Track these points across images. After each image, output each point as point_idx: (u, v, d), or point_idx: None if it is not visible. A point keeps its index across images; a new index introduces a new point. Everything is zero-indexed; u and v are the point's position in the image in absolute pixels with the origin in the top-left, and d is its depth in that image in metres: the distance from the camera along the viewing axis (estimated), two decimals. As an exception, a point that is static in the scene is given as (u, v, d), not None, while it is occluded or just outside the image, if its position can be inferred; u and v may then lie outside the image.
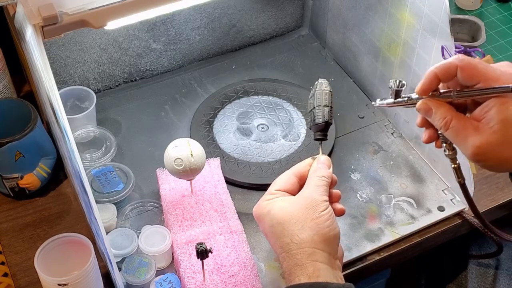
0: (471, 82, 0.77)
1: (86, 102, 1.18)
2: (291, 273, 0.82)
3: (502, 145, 0.74)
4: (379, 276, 1.24)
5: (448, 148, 0.85)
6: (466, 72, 0.76)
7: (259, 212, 0.88)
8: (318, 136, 0.93)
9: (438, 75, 0.78)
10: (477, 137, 0.75)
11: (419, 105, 0.81)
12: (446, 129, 0.78)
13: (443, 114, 0.79)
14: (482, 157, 0.76)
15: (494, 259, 1.19)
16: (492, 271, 1.18)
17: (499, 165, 0.77)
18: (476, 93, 0.76)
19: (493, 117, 0.74)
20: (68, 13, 0.75)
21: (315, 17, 1.40)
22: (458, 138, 0.78)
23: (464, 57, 0.77)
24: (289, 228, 0.84)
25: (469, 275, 1.18)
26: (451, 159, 0.86)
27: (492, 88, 0.75)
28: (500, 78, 0.75)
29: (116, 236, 1.02)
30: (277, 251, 0.86)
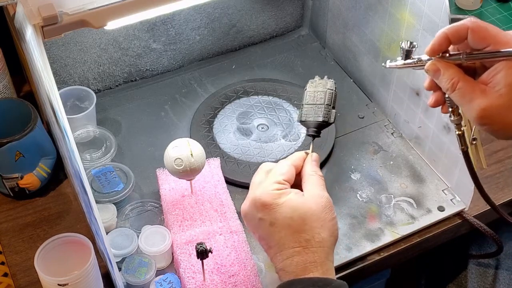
0: (481, 45, 0.76)
1: (86, 102, 1.18)
2: (305, 268, 0.81)
3: (508, 109, 0.74)
4: (379, 276, 1.24)
5: (454, 114, 0.84)
6: (476, 34, 0.76)
7: (269, 199, 0.84)
8: (312, 132, 0.93)
9: (449, 36, 0.78)
10: (483, 100, 0.75)
11: (428, 66, 0.81)
12: (452, 91, 0.78)
13: (451, 75, 0.78)
14: (487, 120, 0.75)
15: (494, 259, 1.19)
16: (492, 271, 1.18)
17: (504, 129, 0.76)
18: (485, 56, 0.76)
19: (500, 81, 0.74)
20: (68, 13, 0.75)
21: (315, 17, 1.40)
22: (464, 100, 0.77)
23: (476, 20, 0.77)
24: (311, 224, 0.84)
25: (469, 275, 1.18)
26: (456, 125, 0.86)
27: (501, 51, 0.75)
28: (510, 42, 0.75)
29: (116, 236, 1.02)
30: (288, 244, 0.83)
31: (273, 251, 0.85)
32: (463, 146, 0.88)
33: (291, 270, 0.83)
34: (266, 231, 0.85)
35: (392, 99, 1.20)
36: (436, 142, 1.12)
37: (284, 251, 0.83)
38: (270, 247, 0.85)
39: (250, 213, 0.86)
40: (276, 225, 0.84)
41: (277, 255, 0.84)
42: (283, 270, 0.84)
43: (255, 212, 0.86)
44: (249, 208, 0.87)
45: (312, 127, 0.93)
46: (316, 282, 0.80)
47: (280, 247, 0.84)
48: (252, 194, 0.87)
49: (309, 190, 0.86)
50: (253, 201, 0.86)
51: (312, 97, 0.94)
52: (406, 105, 1.17)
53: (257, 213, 0.85)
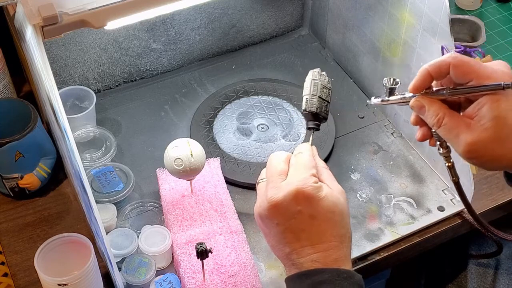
0: (464, 80, 0.77)
1: (86, 102, 1.18)
2: (336, 261, 0.81)
3: (494, 143, 0.75)
4: (379, 276, 1.24)
5: (442, 147, 0.85)
6: (458, 69, 0.77)
7: (313, 192, 0.81)
8: (312, 125, 0.92)
9: (431, 73, 0.79)
10: (469, 134, 0.75)
11: (412, 103, 0.81)
12: (438, 126, 0.79)
13: (435, 111, 0.79)
14: (474, 154, 0.76)
15: (493, 259, 1.19)
16: (491, 271, 1.18)
17: (492, 162, 0.77)
18: (469, 91, 0.77)
19: (485, 115, 0.75)
20: (68, 13, 0.76)
21: (315, 17, 1.40)
22: (450, 135, 0.78)
23: (456, 55, 0.77)
24: (347, 220, 0.84)
25: (468, 275, 1.18)
26: (445, 157, 0.87)
27: (484, 85, 0.75)
28: (492, 75, 0.76)
29: (116, 236, 1.02)
30: (326, 238, 0.82)
31: (302, 243, 0.82)
32: (454, 177, 0.89)
33: (322, 261, 0.81)
34: (303, 223, 0.82)
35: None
36: (436, 142, 1.12)
37: (320, 244, 0.82)
38: (299, 239, 0.82)
39: (286, 204, 0.82)
40: (316, 218, 0.82)
41: (307, 248, 0.82)
42: (315, 261, 0.81)
43: (294, 203, 0.81)
44: (286, 199, 0.82)
45: (316, 121, 0.91)
46: (342, 273, 0.80)
47: (314, 240, 0.82)
48: (290, 185, 0.82)
49: (334, 185, 0.85)
50: (295, 193, 0.81)
51: (320, 90, 0.92)
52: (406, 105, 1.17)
53: (296, 205, 0.81)
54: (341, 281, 0.79)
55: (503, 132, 0.74)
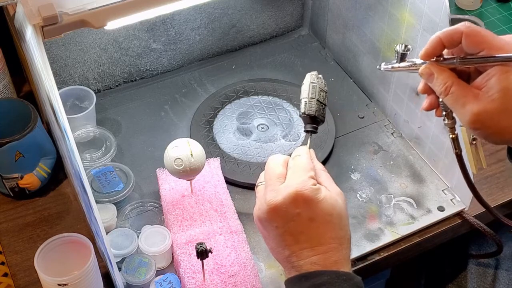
0: (475, 50, 0.77)
1: (86, 102, 1.18)
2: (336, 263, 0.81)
3: (501, 114, 0.74)
4: (379, 276, 1.24)
5: (448, 117, 0.84)
6: (470, 39, 0.76)
7: (311, 194, 0.81)
8: (309, 128, 0.92)
9: (443, 41, 0.78)
10: (476, 104, 0.75)
11: (421, 70, 0.81)
12: (446, 95, 0.78)
13: (444, 79, 0.78)
14: (479, 124, 0.75)
15: (493, 258, 1.19)
16: (491, 270, 1.18)
17: (496, 134, 0.76)
18: (479, 61, 0.76)
19: (493, 86, 0.74)
20: (68, 13, 0.75)
21: (315, 17, 1.40)
22: (457, 105, 0.77)
23: (470, 24, 0.77)
24: (345, 222, 0.84)
25: (468, 275, 1.18)
26: (449, 128, 0.86)
27: (495, 56, 0.75)
28: (504, 47, 0.75)
29: (116, 236, 1.02)
30: (325, 240, 0.82)
31: (301, 246, 0.82)
32: (456, 149, 0.88)
33: (322, 263, 0.81)
34: (302, 226, 0.82)
35: (392, 99, 1.20)
36: (436, 142, 1.12)
37: (319, 247, 0.82)
38: (299, 242, 0.82)
39: (285, 207, 0.82)
40: (315, 221, 0.82)
41: (306, 250, 0.82)
42: (315, 263, 0.81)
43: (293, 206, 0.82)
44: (285, 201, 0.82)
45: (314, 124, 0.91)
46: (342, 275, 0.80)
47: (314, 242, 0.82)
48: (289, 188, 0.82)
49: (332, 187, 0.85)
50: (294, 195, 0.81)
51: (318, 93, 0.92)
52: (406, 105, 1.17)
53: (295, 207, 0.81)
54: (340, 283, 0.79)
55: (510, 104, 0.74)
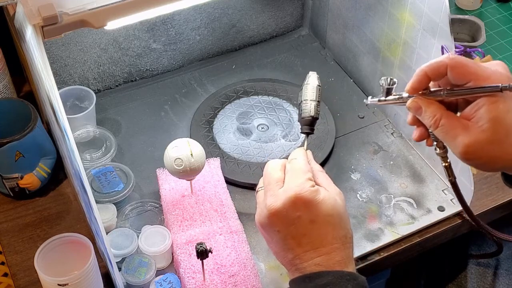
0: (462, 81, 0.77)
1: (86, 102, 1.18)
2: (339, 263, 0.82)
3: (492, 144, 0.74)
4: (379, 276, 1.24)
5: (439, 147, 0.85)
6: (456, 71, 0.76)
7: (310, 196, 0.82)
8: (305, 129, 0.92)
9: (428, 74, 0.78)
10: (466, 136, 0.75)
11: (409, 103, 0.81)
12: (435, 128, 0.78)
13: (432, 112, 0.79)
14: (471, 155, 0.76)
15: (493, 259, 1.19)
16: (491, 271, 1.18)
17: (489, 164, 0.77)
18: (466, 92, 0.76)
19: (482, 116, 0.74)
20: (68, 13, 0.75)
21: (315, 17, 1.40)
22: (447, 137, 0.78)
23: (454, 56, 0.77)
24: (346, 221, 0.84)
25: (468, 275, 1.18)
26: (441, 158, 0.86)
27: (482, 87, 0.75)
28: (490, 77, 0.75)
29: (116, 236, 1.02)
30: (327, 241, 0.82)
31: (304, 248, 0.82)
32: (450, 177, 0.89)
33: (325, 264, 0.82)
34: (303, 228, 0.82)
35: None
36: (436, 142, 1.12)
37: (321, 248, 0.82)
38: (301, 245, 0.83)
39: (285, 211, 0.82)
40: (316, 222, 0.82)
41: (309, 252, 0.82)
42: (319, 264, 0.82)
43: (293, 210, 0.82)
44: (285, 206, 0.82)
45: (302, 125, 0.92)
46: (345, 275, 0.80)
47: (316, 244, 0.82)
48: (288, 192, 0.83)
49: (330, 187, 0.86)
50: (294, 199, 0.82)
51: (300, 96, 0.93)
52: (406, 105, 1.17)
53: (296, 211, 0.82)
54: (345, 283, 0.79)
55: (501, 134, 0.74)
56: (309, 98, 0.92)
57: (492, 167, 0.78)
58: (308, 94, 0.92)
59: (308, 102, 0.92)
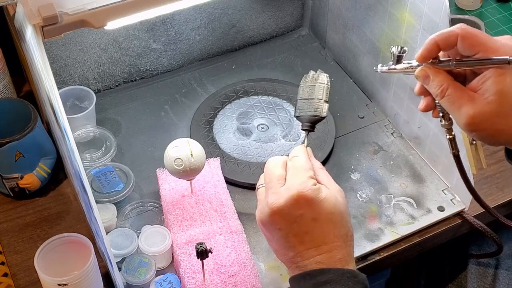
0: (471, 52, 0.77)
1: (86, 102, 1.18)
2: (340, 261, 0.82)
3: (496, 116, 0.74)
4: (379, 276, 1.24)
5: (445, 118, 0.84)
6: (466, 41, 0.76)
7: (313, 194, 0.82)
8: (306, 127, 0.92)
9: (439, 43, 0.78)
10: (472, 107, 0.75)
11: (417, 72, 0.81)
12: (442, 97, 0.78)
13: (440, 81, 0.78)
14: (475, 127, 0.76)
15: (493, 258, 1.19)
16: (491, 270, 1.18)
17: (492, 136, 0.77)
18: (474, 63, 0.76)
19: (489, 88, 0.74)
20: (68, 13, 0.75)
21: (315, 17, 1.40)
22: (453, 107, 0.77)
23: (466, 26, 0.77)
24: (347, 219, 0.84)
25: (468, 275, 1.18)
26: (446, 129, 0.86)
27: (490, 59, 0.75)
28: (499, 49, 0.75)
29: (116, 236, 1.02)
30: (329, 238, 0.82)
31: (306, 246, 0.82)
32: (454, 150, 0.88)
33: (326, 262, 0.82)
34: (305, 226, 0.82)
35: (392, 99, 1.20)
36: (436, 142, 1.12)
37: (323, 246, 0.82)
38: (303, 242, 0.82)
39: (287, 209, 0.82)
40: (318, 220, 0.82)
41: (311, 250, 0.82)
42: (320, 262, 0.82)
43: (295, 208, 0.82)
44: (287, 204, 0.82)
45: (305, 122, 0.92)
46: (346, 273, 0.80)
47: (318, 242, 0.82)
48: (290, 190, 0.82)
49: (331, 185, 0.86)
50: (296, 197, 0.82)
51: (305, 92, 0.93)
52: (406, 105, 1.17)
53: (298, 209, 0.82)
54: (345, 280, 0.79)
55: (506, 107, 0.74)
56: (324, 98, 0.92)
57: (496, 140, 0.77)
58: (323, 93, 0.92)
59: (322, 102, 0.92)
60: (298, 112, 0.93)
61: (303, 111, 0.92)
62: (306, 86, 0.94)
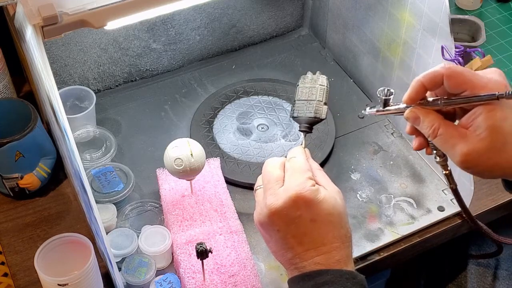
0: (458, 90, 0.77)
1: (86, 101, 1.18)
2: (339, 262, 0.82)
3: (490, 152, 0.75)
4: (379, 276, 1.24)
5: (439, 155, 0.85)
6: (452, 80, 0.76)
7: (311, 196, 0.82)
8: (304, 128, 0.92)
9: (425, 84, 0.79)
10: (465, 145, 0.75)
11: (407, 114, 0.81)
12: (434, 137, 0.79)
13: (430, 122, 0.79)
14: (470, 164, 0.76)
15: (493, 259, 1.19)
16: (491, 271, 1.18)
17: (488, 172, 0.77)
18: (463, 101, 0.77)
19: (480, 125, 0.75)
20: (68, 13, 0.75)
21: (315, 17, 1.40)
22: (446, 146, 0.78)
23: (450, 66, 0.77)
24: (345, 220, 0.85)
25: (468, 275, 1.18)
26: (441, 166, 0.87)
27: (479, 96, 0.75)
28: (487, 85, 0.76)
29: (116, 236, 1.02)
30: (327, 239, 0.82)
31: (304, 247, 0.82)
32: (451, 184, 0.89)
33: (325, 263, 0.82)
34: (304, 227, 0.83)
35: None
36: (436, 142, 1.12)
37: (322, 247, 0.82)
38: (302, 244, 0.82)
39: (286, 210, 0.82)
40: (317, 221, 0.82)
41: (310, 251, 0.82)
42: (318, 263, 0.82)
43: (294, 209, 0.82)
44: (286, 205, 0.82)
45: (303, 123, 0.92)
46: (345, 274, 0.80)
47: (317, 243, 0.82)
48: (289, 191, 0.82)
49: (329, 186, 0.86)
50: (295, 198, 0.82)
51: (304, 93, 0.93)
52: (406, 105, 1.17)
53: (296, 210, 0.82)
54: (344, 282, 0.79)
55: (499, 142, 0.74)
56: (324, 100, 0.92)
57: (492, 174, 0.78)
58: (323, 96, 0.92)
59: (322, 105, 0.92)
60: (297, 113, 0.93)
61: (302, 112, 0.92)
62: (305, 87, 0.94)
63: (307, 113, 0.92)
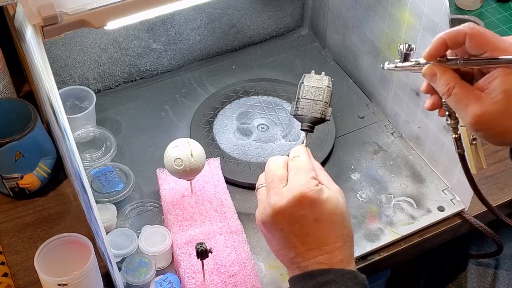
0: (479, 51, 0.76)
1: (86, 101, 1.18)
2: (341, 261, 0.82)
3: (503, 116, 0.74)
4: (379, 276, 1.24)
5: (451, 117, 0.84)
6: (474, 40, 0.76)
7: (316, 195, 0.81)
8: (306, 127, 0.92)
9: (447, 41, 0.78)
10: (478, 106, 0.75)
11: (424, 70, 0.81)
12: (448, 95, 0.78)
13: (447, 80, 0.78)
14: (481, 126, 0.75)
15: (493, 259, 1.19)
16: (491, 271, 1.18)
17: (497, 136, 0.76)
18: (482, 62, 0.76)
19: (496, 87, 0.74)
20: (68, 13, 0.75)
21: (315, 17, 1.40)
22: (459, 106, 0.77)
23: (474, 25, 0.77)
24: (348, 220, 0.84)
25: (468, 275, 1.18)
26: (452, 128, 0.86)
27: (498, 58, 0.75)
28: (507, 49, 0.75)
29: (116, 236, 1.02)
30: (330, 239, 0.82)
31: (307, 246, 0.82)
32: (459, 149, 0.88)
33: (327, 262, 0.82)
34: (308, 227, 0.82)
35: (392, 99, 1.21)
36: (436, 142, 1.12)
37: (325, 246, 0.82)
38: (305, 243, 0.82)
39: (290, 210, 0.82)
40: (321, 221, 0.82)
41: (313, 251, 0.82)
42: (321, 263, 0.82)
43: (298, 208, 0.82)
44: (290, 204, 0.82)
45: (307, 122, 0.92)
46: (346, 273, 0.80)
47: (320, 242, 0.82)
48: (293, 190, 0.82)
49: (332, 185, 0.86)
50: (299, 197, 0.82)
51: (310, 92, 0.93)
52: (406, 105, 1.17)
53: (300, 209, 0.82)
54: (345, 281, 0.79)
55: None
56: (328, 101, 0.92)
57: (502, 139, 0.77)
58: (328, 97, 0.92)
59: (327, 106, 0.92)
60: (301, 111, 0.92)
61: (307, 111, 0.92)
62: (311, 86, 0.93)
63: (313, 113, 0.91)
